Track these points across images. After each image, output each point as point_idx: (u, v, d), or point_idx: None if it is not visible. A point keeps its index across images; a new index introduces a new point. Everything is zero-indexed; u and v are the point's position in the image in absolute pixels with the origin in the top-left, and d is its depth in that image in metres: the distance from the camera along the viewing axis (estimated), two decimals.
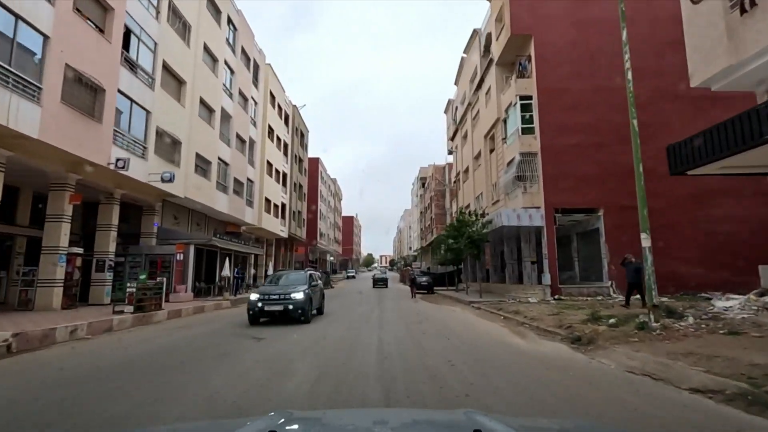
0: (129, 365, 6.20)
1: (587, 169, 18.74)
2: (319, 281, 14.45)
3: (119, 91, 14.18)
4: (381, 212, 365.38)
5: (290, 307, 10.77)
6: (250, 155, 28.16)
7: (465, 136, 31.96)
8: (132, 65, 15.05)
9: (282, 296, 10.99)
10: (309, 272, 13.06)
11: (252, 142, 28.49)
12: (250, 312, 10.94)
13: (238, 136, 25.54)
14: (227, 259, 21.09)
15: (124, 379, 5.22)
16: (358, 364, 5.99)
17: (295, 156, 42.41)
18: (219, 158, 22.71)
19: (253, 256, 28.81)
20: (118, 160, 13.43)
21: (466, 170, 31.55)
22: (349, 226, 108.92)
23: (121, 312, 11.24)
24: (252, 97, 28.40)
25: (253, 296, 11.28)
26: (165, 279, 13.88)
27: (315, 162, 57.30)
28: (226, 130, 23.93)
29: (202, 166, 20.82)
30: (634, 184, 19.22)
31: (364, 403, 4.11)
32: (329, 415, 2.03)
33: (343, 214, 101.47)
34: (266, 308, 10.89)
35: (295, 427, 1.62)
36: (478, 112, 27.59)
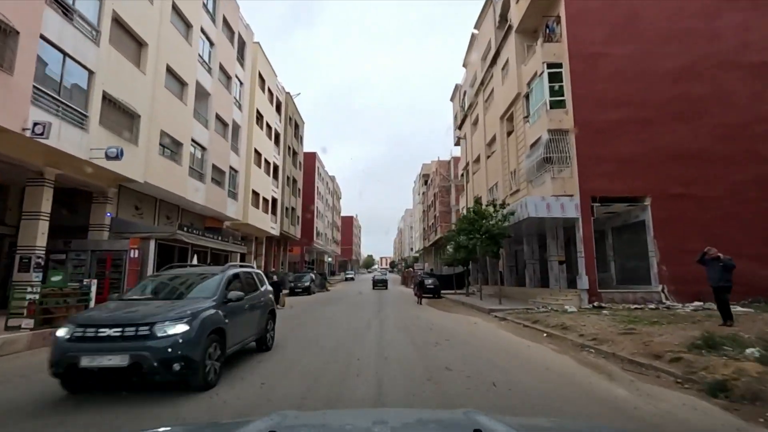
0: None
1: (631, 150, 15.51)
2: (263, 288, 7.72)
3: (43, 37, 10.95)
4: (381, 213, 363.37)
5: (147, 358, 4.45)
6: (234, 141, 24.90)
7: (475, 122, 28.70)
8: (66, 9, 11.82)
9: (129, 331, 4.59)
10: (231, 272, 6.54)
11: (236, 126, 25.24)
12: (53, 369, 4.58)
13: (218, 117, 22.30)
14: (195, 257, 17.85)
15: None
16: None
17: (289, 148, 39.16)
18: (193, 140, 19.46)
19: (238, 255, 25.54)
20: (35, 124, 10.17)
21: (477, 159, 28.29)
22: (348, 226, 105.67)
23: (18, 328, 7.99)
24: (236, 76, 25.16)
25: (62, 332, 4.75)
26: (95, 281, 10.60)
27: (312, 157, 54.12)
28: (203, 109, 20.71)
29: (169, 147, 17.58)
30: (688, 168, 16.07)
31: None
32: (329, 415, 1.99)
33: (343, 214, 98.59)
34: (85, 362, 4.41)
35: (296, 427, 1.60)
36: (492, 91, 24.34)
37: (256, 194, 28.59)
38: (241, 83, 26.22)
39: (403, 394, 4.71)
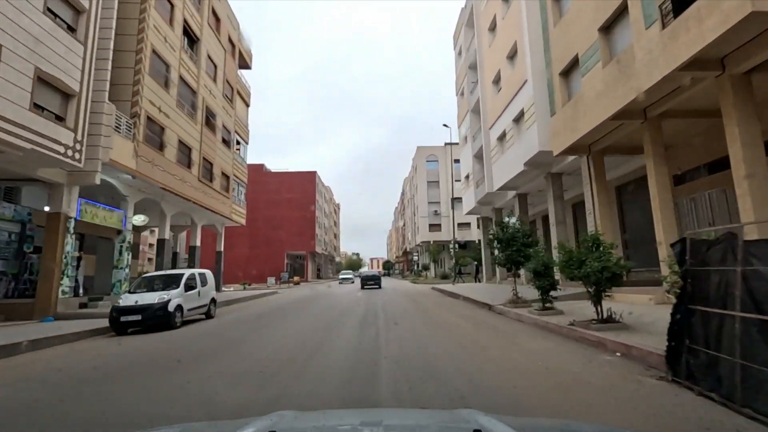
0: None
1: None
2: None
3: None
4: (369, 216, 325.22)
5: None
6: None
7: None
8: None
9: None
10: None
11: None
12: None
13: None
14: None
15: None
16: None
17: None
18: None
19: None
20: None
21: None
22: (305, 191, 57.10)
23: None
24: None
25: None
26: None
27: None
28: None
29: None
30: None
31: None
32: (330, 415, 1.97)
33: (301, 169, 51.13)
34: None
35: (296, 426, 1.59)
36: None
37: None
38: None
39: None
